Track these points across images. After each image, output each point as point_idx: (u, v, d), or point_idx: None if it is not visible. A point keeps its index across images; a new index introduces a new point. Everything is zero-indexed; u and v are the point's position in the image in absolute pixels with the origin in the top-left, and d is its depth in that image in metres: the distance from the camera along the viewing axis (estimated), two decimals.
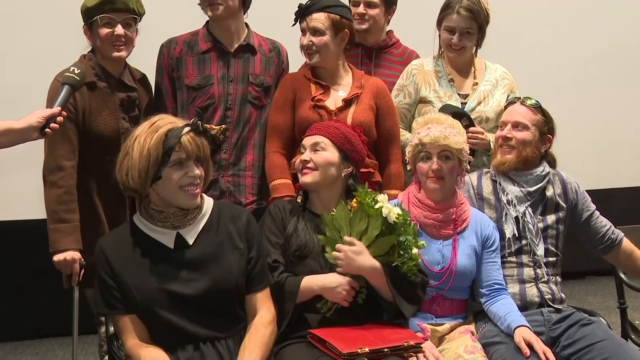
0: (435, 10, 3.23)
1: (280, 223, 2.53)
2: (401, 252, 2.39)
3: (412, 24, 3.48)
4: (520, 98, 2.84)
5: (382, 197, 2.40)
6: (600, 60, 5.69)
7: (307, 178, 2.52)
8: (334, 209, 2.43)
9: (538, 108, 2.79)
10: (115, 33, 2.72)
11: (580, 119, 5.41)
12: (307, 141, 2.57)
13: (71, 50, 2.90)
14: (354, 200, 2.43)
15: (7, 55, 4.15)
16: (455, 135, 2.59)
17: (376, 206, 2.36)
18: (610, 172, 5.59)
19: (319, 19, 2.87)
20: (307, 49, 2.91)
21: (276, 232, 2.50)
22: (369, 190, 2.44)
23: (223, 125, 2.33)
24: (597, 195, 2.96)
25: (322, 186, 2.53)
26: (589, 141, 5.49)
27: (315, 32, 2.87)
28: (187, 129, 2.18)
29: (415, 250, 2.40)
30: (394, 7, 3.38)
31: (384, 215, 2.36)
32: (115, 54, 2.75)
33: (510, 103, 2.88)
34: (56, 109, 2.33)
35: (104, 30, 2.73)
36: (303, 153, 2.56)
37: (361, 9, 3.26)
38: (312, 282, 2.39)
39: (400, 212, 2.39)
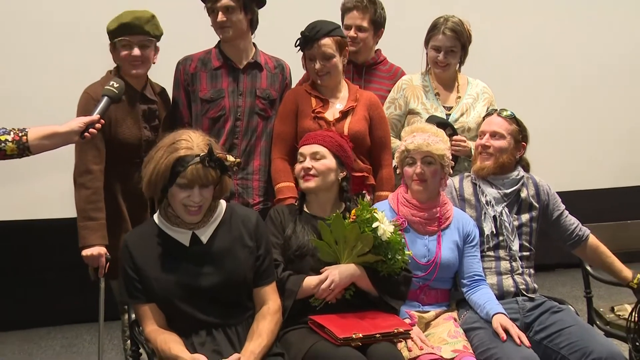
0: (418, 30, 3.26)
1: (280, 226, 2.53)
2: (386, 265, 2.42)
3: (398, 42, 3.48)
4: (497, 110, 2.85)
5: (380, 215, 2.41)
6: (567, 76, 5.69)
7: (310, 184, 2.53)
8: (331, 217, 2.43)
9: (513, 119, 2.80)
10: (132, 54, 2.74)
11: (552, 129, 5.42)
12: (306, 150, 2.56)
13: (98, 66, 2.93)
14: (354, 211, 2.43)
15: (46, 71, 4.16)
16: (438, 143, 2.60)
17: (373, 225, 2.37)
18: (578, 175, 5.59)
19: (327, 44, 2.85)
20: (319, 73, 2.90)
21: (276, 233, 2.51)
22: (368, 199, 2.47)
23: (238, 160, 2.29)
24: (567, 196, 2.96)
25: (322, 190, 2.55)
26: (560, 148, 5.49)
27: (325, 56, 2.86)
28: (196, 159, 2.13)
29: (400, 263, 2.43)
30: (382, 30, 3.36)
31: (378, 234, 2.38)
32: (133, 71, 2.78)
33: (488, 114, 2.88)
34: (95, 116, 2.37)
35: (123, 52, 2.75)
36: (302, 161, 2.56)
37: (352, 32, 3.25)
38: (309, 283, 2.40)
39: (392, 231, 2.40)
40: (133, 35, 2.73)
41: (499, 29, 5.28)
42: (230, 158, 2.21)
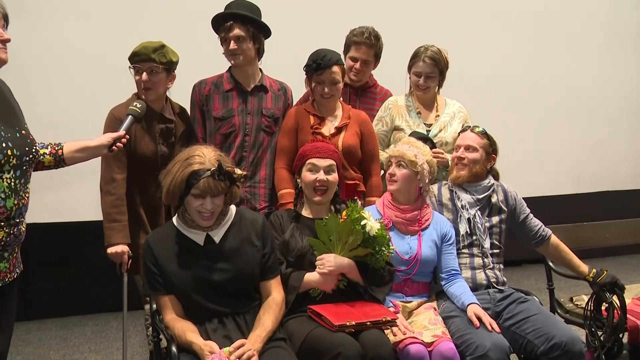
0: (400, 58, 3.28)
1: (279, 228, 2.52)
2: (374, 258, 2.43)
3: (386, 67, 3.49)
4: (471, 127, 2.85)
5: (367, 214, 2.42)
6: (534, 98, 5.73)
7: (323, 198, 2.53)
8: (326, 218, 2.44)
9: (484, 134, 2.80)
10: (142, 79, 2.72)
11: (519, 143, 5.45)
12: (321, 163, 2.52)
13: (113, 92, 2.94)
14: (345, 212, 2.43)
15: (71, 92, 4.21)
16: (412, 150, 2.62)
17: (362, 223, 2.38)
18: (541, 183, 5.61)
19: (336, 71, 2.85)
20: (325, 96, 2.89)
21: (276, 235, 2.48)
22: (358, 203, 2.48)
23: (245, 172, 2.29)
24: (531, 201, 2.96)
25: (328, 200, 2.57)
26: (525, 159, 5.51)
27: (334, 82, 2.86)
28: (208, 173, 2.13)
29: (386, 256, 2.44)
30: (379, 61, 3.36)
31: (366, 230, 2.38)
32: (143, 95, 2.75)
33: (463, 130, 2.89)
34: (122, 132, 2.39)
35: (136, 77, 2.74)
36: (314, 172, 2.52)
37: (358, 65, 3.24)
38: (309, 279, 2.41)
39: (379, 228, 2.41)
40: (142, 62, 2.71)
41: (476, 53, 5.32)
42: (238, 171, 2.21)
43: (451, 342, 2.34)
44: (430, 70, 3.12)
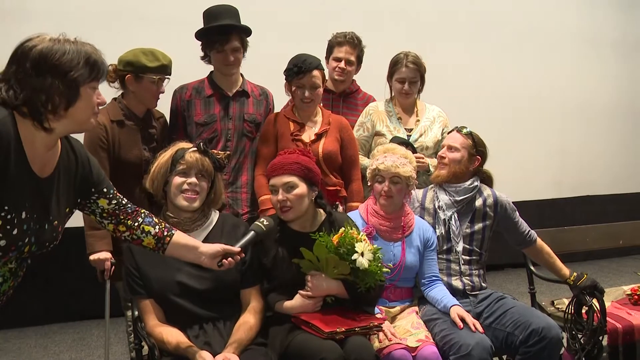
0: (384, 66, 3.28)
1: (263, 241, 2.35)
2: (364, 283, 2.29)
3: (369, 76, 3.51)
4: (458, 127, 2.83)
5: (360, 246, 2.23)
6: (513, 101, 5.81)
7: (289, 215, 2.35)
8: (320, 235, 2.26)
9: (469, 135, 2.78)
10: (159, 91, 2.78)
11: (502, 148, 5.50)
12: (278, 181, 2.34)
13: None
14: (337, 236, 2.25)
15: None
16: (405, 165, 2.58)
17: (352, 257, 2.22)
18: (523, 187, 5.66)
19: (316, 75, 2.86)
20: (305, 100, 2.88)
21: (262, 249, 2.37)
22: (354, 229, 2.31)
23: (227, 152, 2.34)
24: (516, 206, 2.96)
25: (300, 215, 2.39)
26: (507, 164, 5.57)
27: (314, 86, 2.86)
28: (193, 148, 2.25)
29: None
30: (361, 65, 3.39)
31: (356, 265, 2.23)
32: (150, 105, 2.82)
33: (451, 130, 2.88)
34: (237, 248, 2.04)
35: (153, 87, 2.75)
36: (274, 192, 2.36)
37: (342, 64, 3.27)
38: (290, 305, 2.30)
39: (371, 260, 2.25)
40: (164, 74, 2.75)
41: (458, 62, 5.40)
42: (220, 152, 2.32)
43: (434, 346, 2.35)
44: (413, 75, 3.15)
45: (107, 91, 2.77)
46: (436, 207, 2.75)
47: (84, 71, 1.59)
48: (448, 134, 2.90)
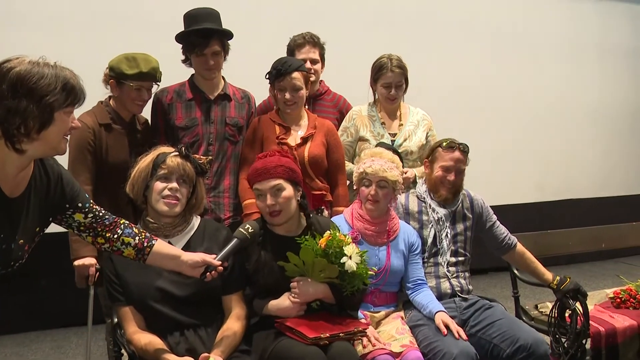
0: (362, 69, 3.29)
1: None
2: (349, 286, 2.29)
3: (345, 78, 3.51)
4: (459, 145, 2.76)
5: (349, 249, 2.23)
6: (495, 104, 5.85)
7: (279, 219, 2.33)
8: (305, 239, 2.26)
9: (466, 150, 2.78)
10: (142, 97, 2.76)
11: (484, 151, 5.53)
12: (264, 186, 2.31)
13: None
14: (324, 239, 2.24)
15: None
16: (392, 169, 2.58)
17: (341, 260, 2.21)
18: (505, 191, 5.71)
19: (297, 77, 2.83)
20: (288, 103, 2.86)
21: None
22: (341, 233, 2.30)
23: (210, 157, 2.33)
24: (496, 209, 2.98)
25: (289, 218, 2.37)
26: (491, 169, 5.61)
27: (295, 88, 2.84)
28: (174, 153, 2.23)
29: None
30: (324, 63, 3.35)
31: (345, 268, 2.23)
32: (134, 110, 2.81)
33: (449, 147, 2.76)
34: (216, 262, 2.05)
35: (132, 94, 2.72)
36: (262, 198, 2.33)
37: (308, 65, 3.23)
38: (275, 307, 2.28)
39: (359, 262, 2.25)
40: (146, 81, 2.73)
41: (440, 65, 5.43)
42: (202, 157, 2.30)
43: (419, 351, 2.35)
44: (399, 79, 3.15)
45: (105, 92, 2.81)
46: (435, 219, 2.73)
47: (60, 96, 1.59)
48: (444, 151, 2.75)
